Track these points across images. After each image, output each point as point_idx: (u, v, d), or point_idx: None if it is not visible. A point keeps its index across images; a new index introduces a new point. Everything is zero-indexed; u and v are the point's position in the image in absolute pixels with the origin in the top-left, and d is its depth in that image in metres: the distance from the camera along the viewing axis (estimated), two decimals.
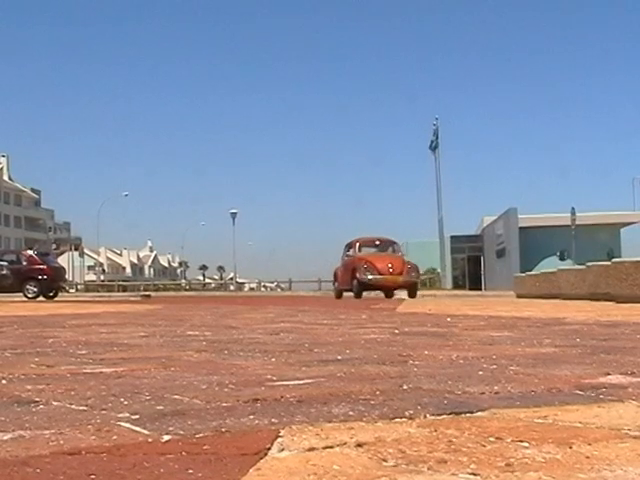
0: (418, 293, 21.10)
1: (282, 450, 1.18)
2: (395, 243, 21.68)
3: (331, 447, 1.20)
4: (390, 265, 19.35)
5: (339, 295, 20.63)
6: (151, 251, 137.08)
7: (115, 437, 1.29)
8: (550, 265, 24.42)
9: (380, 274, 19.02)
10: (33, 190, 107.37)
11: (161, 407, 1.60)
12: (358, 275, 18.96)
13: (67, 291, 39.06)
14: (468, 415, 1.47)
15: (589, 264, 14.05)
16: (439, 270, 42.65)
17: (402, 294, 20.54)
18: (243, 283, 72.76)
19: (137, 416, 1.49)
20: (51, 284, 25.39)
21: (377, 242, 21.39)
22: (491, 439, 1.24)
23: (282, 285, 64.17)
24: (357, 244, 20.89)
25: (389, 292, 20.69)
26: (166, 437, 1.29)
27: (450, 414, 1.48)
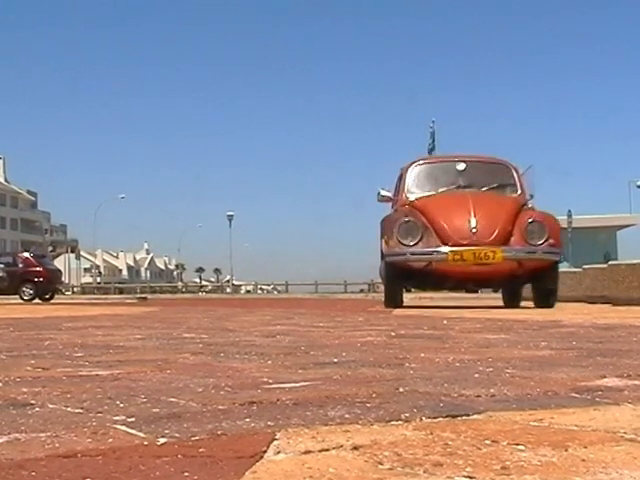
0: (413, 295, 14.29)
1: (278, 453, 1.18)
2: (506, 168, 10.23)
3: (327, 450, 1.20)
4: (478, 221, 8.94)
5: (391, 299, 9.78)
6: (147, 253, 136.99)
7: (111, 440, 1.29)
8: None
9: (451, 243, 8.90)
10: (29, 192, 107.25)
11: (157, 410, 1.60)
12: (386, 247, 9.32)
13: (63, 293, 39.01)
14: (464, 418, 1.47)
15: (585, 267, 14.07)
16: None
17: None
18: (240, 285, 72.74)
19: (133, 419, 1.49)
20: (47, 286, 25.40)
21: (460, 165, 10.26)
22: (487, 442, 1.24)
23: (279, 287, 64.18)
24: (411, 170, 10.23)
25: (475, 287, 11.66)
26: (162, 440, 1.28)
27: (446, 417, 1.48)
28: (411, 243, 9.05)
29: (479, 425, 1.40)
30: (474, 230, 8.91)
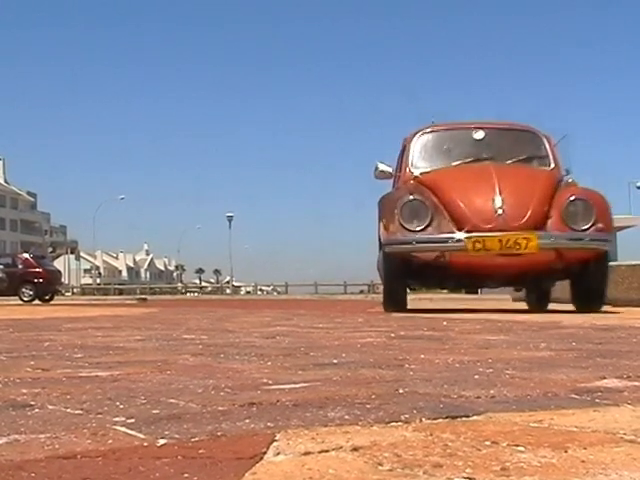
0: (413, 296, 12.02)
1: (278, 454, 1.18)
2: (535, 136, 8.41)
3: (327, 451, 1.20)
4: (505, 199, 7.17)
5: (392, 300, 7.88)
6: (147, 254, 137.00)
7: (110, 441, 1.29)
8: None
9: (469, 227, 7.14)
10: (29, 193, 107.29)
11: (157, 411, 1.60)
12: (385, 233, 7.54)
13: (63, 294, 39.01)
14: (464, 419, 1.47)
15: None
16: None
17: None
18: (239, 286, 72.75)
19: (133, 420, 1.49)
20: (47, 287, 25.40)
21: (477, 133, 8.41)
22: (487, 443, 1.24)
23: (278, 288, 64.17)
24: (416, 140, 8.44)
25: (499, 285, 9.12)
26: (162, 441, 1.28)
27: (446, 418, 1.48)
28: (417, 228, 7.16)
29: (479, 426, 1.40)
30: (500, 211, 7.01)
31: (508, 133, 8.68)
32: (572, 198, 7.21)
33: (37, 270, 24.88)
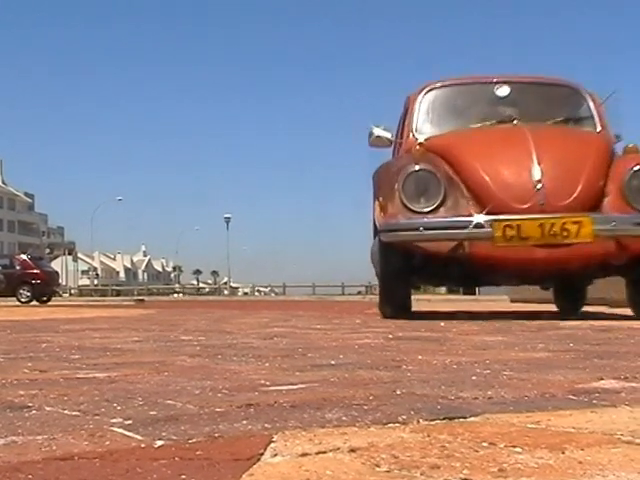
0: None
1: (275, 455, 1.18)
2: (576, 93, 6.54)
3: (324, 452, 1.20)
4: (546, 171, 5.28)
5: (390, 303, 6.18)
6: (145, 255, 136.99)
7: (108, 442, 1.29)
8: None
9: (498, 208, 5.29)
10: (27, 194, 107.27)
11: (154, 412, 1.60)
12: (382, 215, 5.78)
13: (61, 296, 38.98)
14: (461, 420, 1.47)
15: None
16: None
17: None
18: (237, 288, 72.75)
19: (130, 421, 1.49)
20: (44, 289, 25.37)
21: (502, 89, 6.54)
22: (484, 444, 1.24)
23: (276, 290, 64.18)
24: (422, 98, 6.61)
25: (537, 284, 7.70)
26: (159, 442, 1.28)
27: (443, 419, 1.48)
28: (425, 209, 5.44)
29: (476, 427, 1.40)
30: (539, 185, 5.22)
31: (540, 89, 6.80)
32: (637, 168, 5.39)
33: (35, 271, 24.86)
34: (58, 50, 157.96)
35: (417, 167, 5.60)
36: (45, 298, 25.04)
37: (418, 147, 5.98)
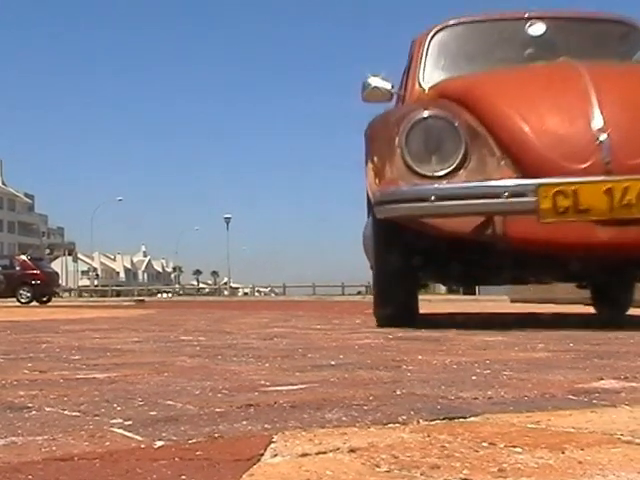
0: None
1: (275, 456, 1.18)
2: (632, 30, 5.05)
3: (324, 453, 1.20)
4: (609, 119, 3.73)
5: (387, 305, 4.77)
6: (145, 256, 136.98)
7: (108, 443, 1.29)
8: None
9: (544, 169, 3.76)
10: (27, 195, 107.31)
11: (154, 413, 1.60)
12: (377, 183, 4.26)
13: (61, 296, 38.99)
14: (461, 420, 1.47)
15: None
16: None
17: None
18: (237, 288, 72.76)
19: (130, 422, 1.49)
20: (44, 289, 25.39)
21: (535, 26, 5.01)
22: (484, 444, 1.24)
23: (276, 290, 64.19)
24: (431, 39, 5.14)
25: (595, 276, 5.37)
26: (159, 443, 1.28)
27: (443, 419, 1.48)
28: (438, 171, 4.05)
29: (476, 427, 1.40)
30: (603, 137, 3.83)
31: (585, 26, 5.34)
32: None
33: (35, 272, 24.87)
34: (58, 50, 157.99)
35: (426, 113, 4.12)
36: (45, 299, 25.05)
37: (427, 92, 4.83)
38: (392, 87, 5.36)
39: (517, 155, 3.97)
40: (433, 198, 3.98)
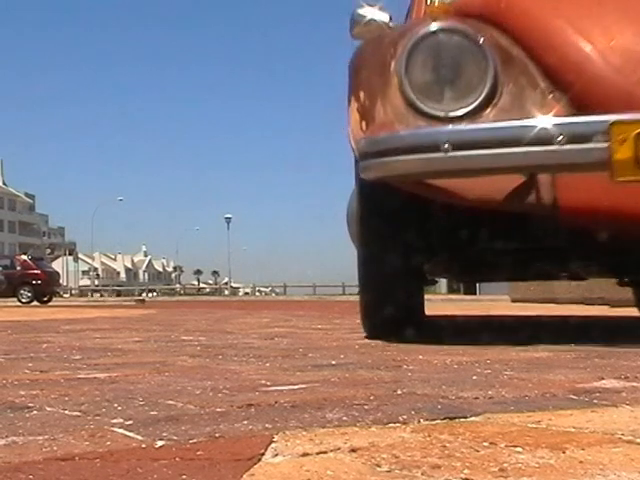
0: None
1: (276, 455, 1.18)
2: None
3: (325, 452, 1.20)
4: None
5: (378, 309, 3.36)
6: (145, 256, 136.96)
7: (109, 443, 1.29)
8: None
9: (612, 104, 2.44)
10: (27, 195, 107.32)
11: (155, 412, 1.60)
12: (364, 128, 2.90)
13: (61, 296, 39.01)
14: (462, 420, 1.47)
15: None
16: None
17: None
18: (238, 288, 72.77)
19: (131, 422, 1.49)
20: (45, 289, 25.40)
21: None
22: (485, 444, 1.24)
23: (277, 290, 64.21)
24: None
25: None
26: (160, 443, 1.28)
27: (444, 419, 1.48)
28: (455, 110, 2.77)
29: (477, 427, 1.40)
30: None
31: None
32: None
33: (35, 272, 24.88)
34: (58, 50, 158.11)
35: (436, 26, 2.88)
36: (46, 299, 25.05)
37: (438, 4, 3.60)
38: (391, 20, 3.70)
39: (575, 85, 2.72)
40: (447, 146, 2.72)
